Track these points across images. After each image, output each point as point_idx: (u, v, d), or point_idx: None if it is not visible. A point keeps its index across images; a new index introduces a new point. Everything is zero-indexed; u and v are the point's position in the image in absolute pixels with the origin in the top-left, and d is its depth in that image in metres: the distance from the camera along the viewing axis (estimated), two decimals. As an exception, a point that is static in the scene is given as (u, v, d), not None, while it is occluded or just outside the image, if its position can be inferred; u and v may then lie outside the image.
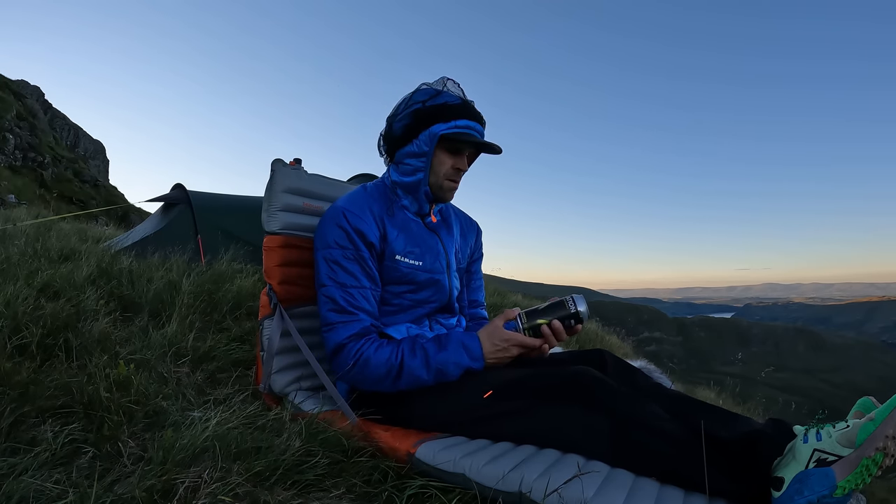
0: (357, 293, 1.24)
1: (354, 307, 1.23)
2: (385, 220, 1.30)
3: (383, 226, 1.29)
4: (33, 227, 3.49)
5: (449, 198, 1.37)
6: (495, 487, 0.92)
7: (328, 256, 1.25)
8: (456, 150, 1.31)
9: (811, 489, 0.80)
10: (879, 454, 0.77)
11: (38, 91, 25.67)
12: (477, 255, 1.60)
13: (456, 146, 1.29)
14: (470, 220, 1.60)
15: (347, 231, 1.24)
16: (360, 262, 1.25)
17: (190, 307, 1.97)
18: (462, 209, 1.62)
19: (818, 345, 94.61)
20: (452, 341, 1.19)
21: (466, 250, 1.53)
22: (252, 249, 3.40)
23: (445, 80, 1.30)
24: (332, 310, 1.23)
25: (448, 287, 1.39)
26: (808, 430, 0.87)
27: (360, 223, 1.25)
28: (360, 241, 1.25)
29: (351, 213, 1.25)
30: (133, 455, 1.02)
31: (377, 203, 1.32)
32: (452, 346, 1.18)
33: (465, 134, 1.26)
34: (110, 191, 21.35)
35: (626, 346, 6.94)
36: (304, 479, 0.96)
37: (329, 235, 1.25)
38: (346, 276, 1.23)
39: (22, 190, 13.42)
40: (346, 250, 1.24)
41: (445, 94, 1.27)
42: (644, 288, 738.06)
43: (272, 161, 1.43)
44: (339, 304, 1.22)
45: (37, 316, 1.47)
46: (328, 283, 1.24)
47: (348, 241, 1.24)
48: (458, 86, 1.31)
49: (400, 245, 1.30)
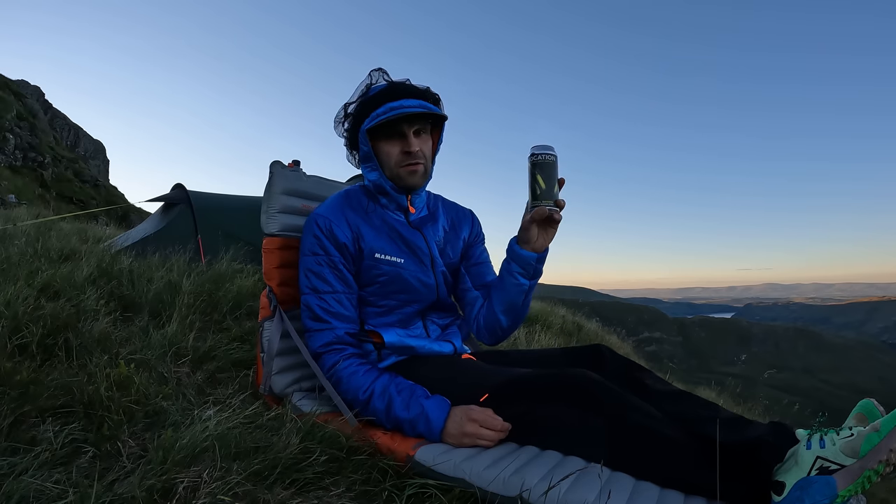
0: (331, 298, 1.25)
1: (328, 313, 1.25)
2: (360, 221, 1.30)
3: (357, 227, 1.29)
4: (33, 227, 3.49)
5: (418, 182, 1.31)
6: (496, 492, 0.91)
7: (303, 265, 1.29)
8: (396, 135, 1.27)
9: (812, 497, 0.80)
10: (881, 465, 0.77)
11: (38, 91, 25.67)
12: (475, 241, 1.53)
13: (393, 131, 1.26)
14: (461, 210, 1.54)
15: (318, 237, 1.26)
16: (332, 268, 1.26)
17: (190, 307, 1.97)
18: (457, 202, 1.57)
19: (818, 345, 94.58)
20: (420, 406, 1.12)
21: (459, 243, 1.47)
22: (252, 249, 3.40)
23: (372, 73, 1.31)
24: (309, 317, 1.27)
25: (435, 284, 1.36)
26: (810, 436, 0.87)
27: (330, 226, 1.26)
28: (331, 245, 1.26)
29: (322, 218, 1.27)
30: (133, 455, 1.02)
31: (353, 205, 1.33)
32: (416, 410, 1.12)
33: (385, 119, 1.21)
34: (110, 191, 21.37)
35: (627, 346, 6.95)
36: (303, 477, 0.96)
37: (305, 245, 1.29)
38: (319, 282, 1.26)
39: (22, 190, 13.43)
40: (318, 256, 1.26)
41: (372, 87, 1.28)
42: (644, 288, 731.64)
43: (271, 163, 1.43)
44: (315, 312, 1.25)
45: (37, 316, 1.47)
46: (306, 292, 1.28)
47: (319, 248, 1.26)
48: (383, 73, 1.30)
49: (378, 244, 1.30)
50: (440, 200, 1.52)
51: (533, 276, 1.24)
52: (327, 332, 1.24)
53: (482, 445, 1.07)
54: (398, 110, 1.21)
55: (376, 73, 1.30)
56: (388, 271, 1.30)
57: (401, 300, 1.33)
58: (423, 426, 1.11)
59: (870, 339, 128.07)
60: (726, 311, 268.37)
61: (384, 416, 1.15)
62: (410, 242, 1.34)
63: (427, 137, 1.33)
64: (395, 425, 1.14)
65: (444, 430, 1.09)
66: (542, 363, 1.31)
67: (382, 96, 1.24)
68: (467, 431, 1.07)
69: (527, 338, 3.46)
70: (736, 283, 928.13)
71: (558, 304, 6.23)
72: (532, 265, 1.21)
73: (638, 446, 0.96)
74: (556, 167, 1.10)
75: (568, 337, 4.55)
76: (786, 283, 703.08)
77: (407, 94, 1.25)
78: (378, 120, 1.21)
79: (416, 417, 1.11)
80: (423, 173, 1.32)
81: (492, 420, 1.07)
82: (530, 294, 1.30)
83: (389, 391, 1.16)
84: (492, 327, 1.34)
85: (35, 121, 18.74)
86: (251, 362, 1.66)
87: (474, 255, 1.51)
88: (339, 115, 1.34)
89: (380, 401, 1.15)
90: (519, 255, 1.20)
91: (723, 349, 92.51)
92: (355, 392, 1.18)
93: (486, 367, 1.26)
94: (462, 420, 1.08)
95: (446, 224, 1.47)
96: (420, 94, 1.28)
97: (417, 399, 1.14)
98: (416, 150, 1.27)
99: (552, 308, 5.44)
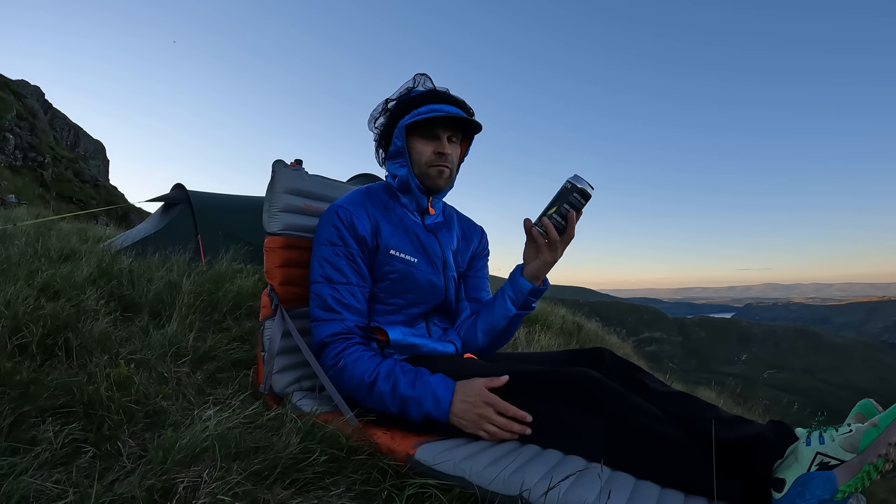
0: (344, 289, 1.26)
1: (340, 304, 1.24)
2: (380, 217, 1.32)
3: (377, 222, 1.31)
4: (33, 227, 3.49)
5: (442, 185, 1.36)
6: (496, 491, 0.91)
7: (319, 254, 1.28)
8: (431, 136, 1.32)
9: (813, 492, 0.80)
10: (881, 460, 0.77)
11: (38, 91, 25.68)
12: (480, 254, 1.58)
13: (429, 132, 1.31)
14: (473, 224, 1.60)
15: (339, 228, 1.27)
16: (349, 259, 1.27)
17: (190, 307, 1.97)
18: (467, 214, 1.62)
19: (818, 345, 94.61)
20: (426, 383, 1.13)
21: (467, 253, 1.53)
22: (252, 249, 3.40)
23: (416, 77, 1.36)
24: (319, 306, 1.26)
25: (443, 288, 1.38)
26: (810, 433, 0.87)
27: (351, 217, 1.28)
28: (350, 237, 1.27)
29: (343, 210, 1.28)
30: (133, 455, 1.02)
31: (374, 201, 1.35)
32: (423, 387, 1.12)
33: (428, 116, 1.27)
34: (110, 191, 21.37)
35: (627, 346, 6.94)
36: (303, 477, 0.96)
37: (322, 234, 1.29)
38: (334, 273, 1.26)
39: (22, 190, 13.43)
40: (337, 247, 1.27)
41: (415, 90, 1.33)
42: (644, 288, 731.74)
43: (273, 162, 1.44)
44: (326, 302, 1.25)
45: (37, 316, 1.47)
46: (318, 280, 1.27)
47: (338, 239, 1.27)
48: (428, 79, 1.36)
49: (394, 241, 1.32)
50: (455, 212, 1.56)
51: (522, 307, 1.33)
52: (337, 323, 1.24)
53: (489, 433, 1.06)
54: (439, 112, 1.28)
55: (420, 77, 1.36)
56: (401, 269, 1.31)
57: (408, 300, 1.34)
58: (431, 403, 1.10)
59: (870, 339, 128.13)
60: (726, 311, 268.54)
61: (389, 398, 1.14)
62: (425, 244, 1.36)
63: (457, 146, 1.38)
64: (401, 405, 1.13)
65: (452, 405, 1.09)
66: (543, 365, 1.31)
67: (425, 98, 1.30)
68: (482, 413, 1.06)
69: (527, 338, 3.46)
70: (736, 283, 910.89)
71: (558, 304, 6.23)
72: (523, 294, 1.30)
73: (638, 446, 0.96)
74: (566, 194, 1.18)
75: (568, 337, 4.55)
76: (786, 283, 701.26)
77: (448, 101, 1.32)
78: (420, 117, 1.27)
79: (423, 394, 1.11)
80: (449, 177, 1.36)
81: (506, 406, 1.06)
82: (514, 324, 1.38)
83: (395, 372, 1.16)
84: (469, 341, 1.40)
85: (35, 121, 18.74)
86: (251, 362, 1.66)
87: (475, 267, 1.56)
88: (376, 110, 1.38)
89: (384, 383, 1.15)
90: (514, 278, 1.31)
91: (723, 349, 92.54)
92: (360, 376, 1.17)
93: (488, 364, 1.26)
94: (476, 401, 1.07)
95: (459, 233, 1.51)
96: (459, 103, 1.34)
97: (423, 377, 1.14)
98: (448, 154, 1.32)
99: (552, 308, 5.44)
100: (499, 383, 1.09)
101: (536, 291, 1.31)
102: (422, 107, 1.28)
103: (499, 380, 1.09)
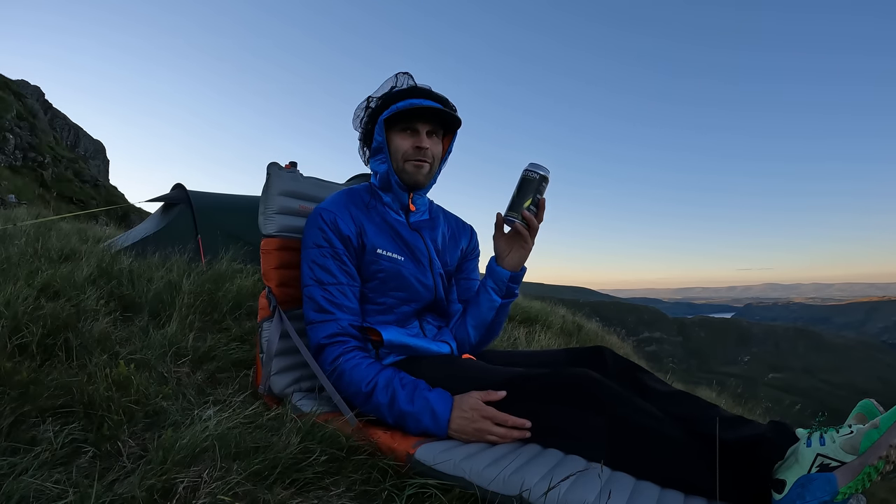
0: (335, 289, 1.26)
1: (333, 304, 1.25)
2: (363, 217, 1.33)
3: (361, 222, 1.31)
4: (33, 227, 3.49)
5: (421, 180, 1.35)
6: (496, 491, 0.91)
7: (308, 257, 1.29)
8: (409, 130, 1.32)
9: (813, 494, 0.80)
10: (882, 462, 0.77)
11: (38, 91, 25.67)
12: (471, 255, 1.58)
13: (407, 126, 1.32)
14: (462, 223, 1.58)
15: (323, 230, 1.28)
16: (336, 259, 1.27)
17: (190, 307, 1.97)
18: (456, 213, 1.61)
19: (818, 345, 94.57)
20: (424, 398, 1.12)
21: (457, 253, 1.51)
22: (252, 249, 3.40)
23: (398, 75, 1.37)
24: (313, 309, 1.27)
25: (433, 285, 1.38)
26: (810, 434, 0.87)
27: (335, 218, 1.28)
28: (335, 237, 1.27)
29: (326, 212, 1.29)
30: (133, 455, 1.02)
31: (356, 202, 1.35)
32: (421, 403, 1.12)
33: (404, 108, 1.28)
34: (110, 191, 21.38)
35: (627, 346, 6.94)
36: (303, 477, 0.96)
37: (309, 237, 1.30)
38: (323, 274, 1.26)
39: (22, 190, 13.43)
40: (323, 248, 1.27)
41: (396, 88, 1.35)
42: (644, 288, 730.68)
43: (268, 165, 1.45)
44: (319, 303, 1.25)
45: (37, 316, 1.47)
46: (309, 283, 1.28)
47: (324, 240, 1.27)
48: (409, 77, 1.37)
49: (380, 240, 1.32)
50: (441, 211, 1.55)
51: (506, 295, 1.34)
52: (332, 324, 1.24)
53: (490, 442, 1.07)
54: (417, 104, 1.28)
55: (403, 75, 1.37)
56: (388, 267, 1.31)
57: (399, 298, 1.33)
58: (429, 419, 1.10)
59: (870, 339, 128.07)
60: (726, 311, 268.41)
61: (387, 410, 1.14)
62: (409, 243, 1.36)
63: (438, 141, 1.38)
64: (399, 419, 1.13)
65: (451, 422, 1.09)
66: (543, 364, 1.31)
67: (405, 93, 1.32)
68: (480, 427, 1.07)
69: (527, 338, 3.46)
70: (736, 283, 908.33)
71: (558, 304, 6.23)
72: (504, 283, 1.32)
73: (638, 446, 0.96)
74: (535, 184, 1.22)
75: (568, 337, 4.55)
76: (786, 283, 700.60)
77: (428, 96, 1.33)
78: (396, 109, 1.28)
79: (421, 411, 1.11)
80: (428, 172, 1.35)
81: (504, 417, 1.07)
82: (502, 314, 1.39)
83: (393, 384, 1.15)
84: (461, 340, 1.40)
85: (35, 121, 18.75)
86: (251, 362, 1.66)
87: (466, 269, 1.56)
88: (359, 108, 1.39)
89: (383, 394, 1.15)
90: (492, 270, 1.33)
91: (723, 349, 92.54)
92: (358, 384, 1.17)
93: (487, 365, 1.26)
94: (473, 416, 1.08)
95: (446, 232, 1.50)
96: (440, 99, 1.35)
97: (421, 392, 1.14)
98: (426, 148, 1.32)
99: (552, 308, 5.43)
100: (496, 397, 1.10)
101: (516, 278, 1.34)
102: (401, 101, 1.29)
103: (496, 394, 1.10)
